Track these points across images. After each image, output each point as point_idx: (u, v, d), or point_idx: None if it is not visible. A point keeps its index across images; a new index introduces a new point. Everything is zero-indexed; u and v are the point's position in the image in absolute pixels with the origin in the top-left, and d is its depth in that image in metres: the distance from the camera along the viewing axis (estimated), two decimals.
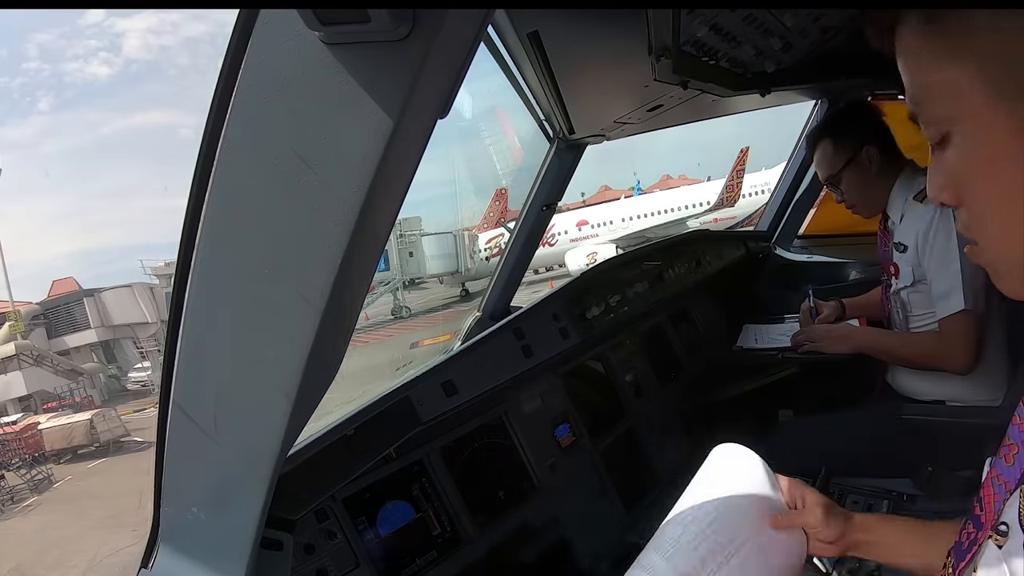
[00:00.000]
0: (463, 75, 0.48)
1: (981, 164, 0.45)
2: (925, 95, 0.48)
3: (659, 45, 1.02)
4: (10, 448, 16.14)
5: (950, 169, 0.48)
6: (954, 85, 0.45)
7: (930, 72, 0.46)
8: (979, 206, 0.47)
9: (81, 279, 32.69)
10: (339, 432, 0.99)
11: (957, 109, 0.45)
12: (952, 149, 0.47)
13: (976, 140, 0.45)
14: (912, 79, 0.49)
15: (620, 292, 1.71)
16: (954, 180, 0.48)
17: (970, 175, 0.47)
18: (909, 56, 0.48)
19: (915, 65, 0.48)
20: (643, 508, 1.56)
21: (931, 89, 0.47)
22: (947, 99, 0.46)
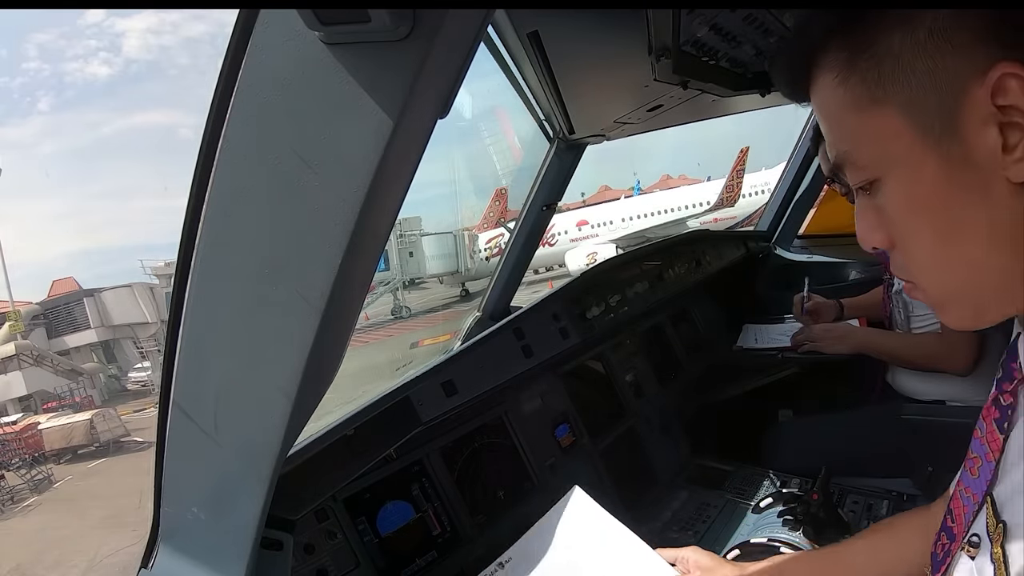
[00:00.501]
0: (463, 75, 0.48)
1: (914, 206, 0.45)
2: (851, 142, 0.47)
3: (659, 45, 1.02)
4: (10, 448, 16.14)
5: (881, 213, 0.48)
6: (881, 130, 0.44)
7: (855, 120, 0.46)
8: (914, 247, 0.47)
9: (81, 279, 32.73)
10: (339, 432, 0.99)
11: (886, 153, 0.45)
12: (883, 194, 0.47)
13: (908, 182, 0.45)
14: (835, 128, 0.48)
15: (620, 292, 1.71)
16: (886, 224, 0.48)
17: (904, 217, 0.46)
18: (831, 107, 0.48)
19: (838, 115, 0.47)
20: (643, 508, 1.56)
21: (857, 136, 0.46)
22: (875, 144, 0.45)
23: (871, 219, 0.49)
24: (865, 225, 0.50)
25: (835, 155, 0.49)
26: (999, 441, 0.51)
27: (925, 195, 0.44)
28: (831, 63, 0.46)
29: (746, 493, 1.54)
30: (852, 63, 0.44)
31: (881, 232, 0.49)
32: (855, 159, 0.47)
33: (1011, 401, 0.51)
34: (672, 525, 1.47)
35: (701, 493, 1.58)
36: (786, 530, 1.26)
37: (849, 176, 0.49)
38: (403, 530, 1.16)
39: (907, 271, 0.49)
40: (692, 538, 1.40)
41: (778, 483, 1.54)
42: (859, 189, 0.49)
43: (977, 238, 0.43)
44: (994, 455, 0.51)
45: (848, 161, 0.48)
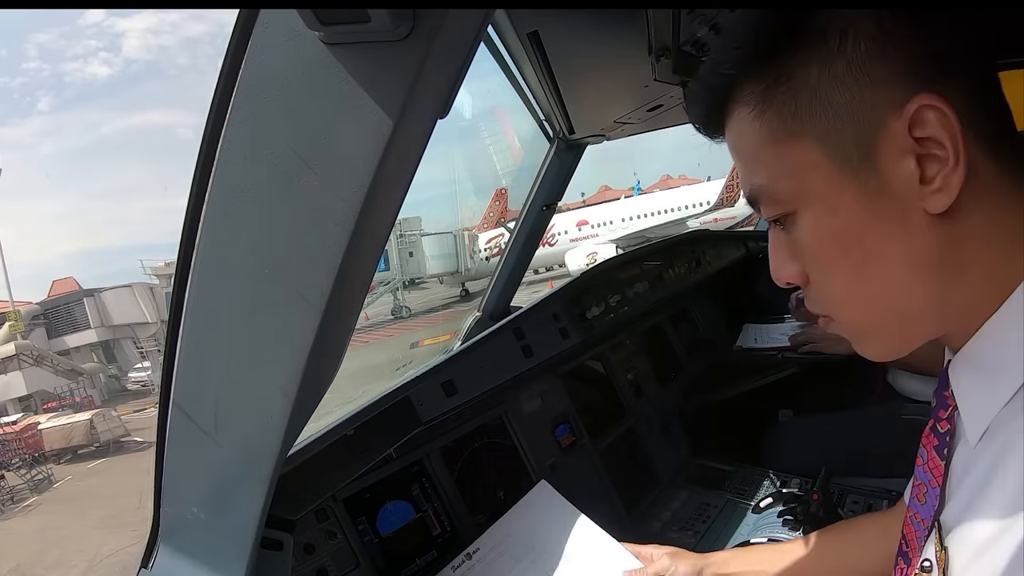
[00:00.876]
0: (463, 75, 0.48)
1: (831, 238, 0.45)
2: (766, 176, 0.46)
3: (659, 45, 1.02)
4: (10, 448, 16.14)
5: (795, 247, 0.47)
6: (798, 163, 0.44)
7: (771, 154, 0.45)
8: (830, 280, 0.46)
9: (81, 279, 32.73)
10: (339, 432, 0.99)
11: (802, 186, 0.44)
12: (798, 227, 0.46)
13: (825, 215, 0.44)
14: (749, 163, 0.48)
15: (620, 292, 1.71)
16: (800, 258, 0.48)
17: (819, 250, 0.46)
18: (746, 141, 0.47)
19: (753, 149, 0.46)
20: (643, 508, 1.56)
21: (773, 169, 0.46)
22: (791, 177, 0.45)
23: (784, 253, 0.49)
24: (778, 259, 0.50)
25: (749, 189, 0.49)
26: (941, 467, 0.51)
27: (842, 227, 0.44)
28: (747, 96, 0.45)
29: (746, 493, 1.54)
30: (768, 96, 0.44)
31: (794, 266, 0.49)
32: (770, 193, 0.47)
33: (948, 428, 0.51)
34: (672, 525, 1.47)
35: (701, 493, 1.58)
36: (786, 530, 1.26)
37: (763, 210, 0.48)
38: (403, 530, 1.16)
39: (822, 305, 0.49)
40: (692, 538, 1.40)
41: (778, 483, 1.54)
42: (773, 223, 0.49)
43: (895, 268, 0.43)
44: (937, 481, 0.52)
45: (763, 195, 0.47)
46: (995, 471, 0.42)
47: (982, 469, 0.44)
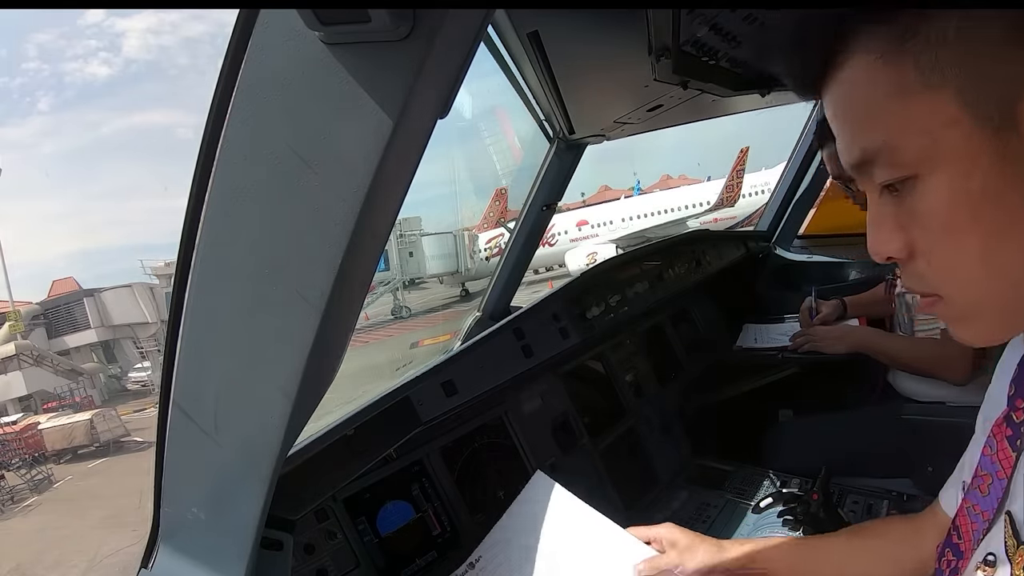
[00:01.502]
0: (463, 75, 0.48)
1: (962, 204, 0.40)
2: (891, 133, 0.41)
3: (659, 45, 1.02)
4: (10, 448, 16.13)
5: (910, 217, 0.43)
6: (933, 118, 0.39)
7: (899, 107, 0.40)
8: (951, 253, 0.42)
9: (81, 279, 32.72)
10: (339, 432, 0.99)
11: (936, 144, 0.40)
12: (920, 193, 0.41)
13: (959, 177, 0.40)
14: (866, 118, 0.42)
15: (620, 292, 1.71)
16: (914, 228, 0.43)
17: (946, 219, 0.41)
18: (865, 92, 0.42)
19: (876, 101, 0.41)
20: (643, 508, 1.56)
21: (901, 125, 0.41)
22: (923, 134, 0.40)
23: (892, 224, 0.44)
24: (884, 231, 0.44)
25: (862, 150, 0.43)
26: (1011, 459, 0.50)
27: (978, 191, 0.39)
28: (873, 41, 0.40)
29: (746, 493, 1.54)
30: (903, 42, 0.39)
31: (901, 239, 0.44)
32: (892, 152, 0.41)
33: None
34: None
35: (701, 493, 1.58)
36: (786, 530, 1.26)
37: (879, 173, 0.43)
38: (403, 530, 1.16)
39: (931, 282, 0.44)
40: None
41: (778, 483, 1.54)
42: (886, 188, 0.43)
43: (1019, 243, 0.40)
44: (1006, 472, 0.50)
45: (882, 156, 0.42)
46: None
47: None
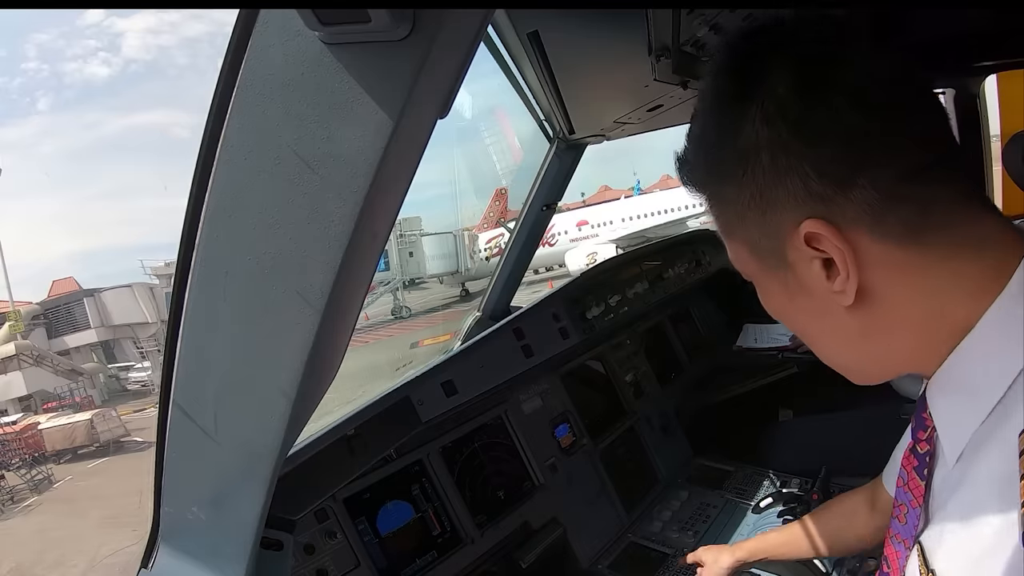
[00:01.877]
0: (463, 75, 0.48)
1: (775, 312, 0.54)
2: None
3: (659, 45, 1.01)
4: (10, 448, 16.13)
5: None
6: (737, 253, 0.53)
7: (728, 244, 0.54)
8: (791, 328, 0.55)
9: (81, 279, 32.65)
10: (339, 432, 0.99)
11: (745, 269, 0.53)
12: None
13: (764, 296, 0.53)
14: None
15: (620, 292, 1.71)
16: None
17: (774, 311, 0.54)
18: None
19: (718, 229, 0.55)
20: (643, 508, 1.56)
21: (731, 255, 0.54)
22: (735, 262, 0.54)
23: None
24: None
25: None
26: (921, 488, 0.52)
27: (777, 307, 0.53)
28: (704, 201, 0.53)
29: (746, 493, 1.54)
30: (709, 205, 0.52)
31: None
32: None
33: (928, 449, 0.52)
34: (672, 525, 1.47)
35: (701, 493, 1.58)
36: None
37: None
38: (403, 530, 1.16)
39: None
40: (692, 538, 1.40)
41: (778, 483, 1.54)
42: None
43: (828, 340, 0.51)
44: (918, 501, 0.52)
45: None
46: (972, 492, 0.43)
47: (959, 490, 0.45)
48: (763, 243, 0.48)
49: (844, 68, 0.43)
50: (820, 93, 0.43)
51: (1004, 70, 2.14)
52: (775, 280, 0.50)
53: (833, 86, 0.43)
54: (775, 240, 0.47)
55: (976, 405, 0.43)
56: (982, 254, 0.43)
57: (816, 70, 0.43)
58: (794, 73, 0.43)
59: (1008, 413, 0.41)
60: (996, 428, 0.42)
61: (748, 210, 0.47)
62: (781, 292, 0.50)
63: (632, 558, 1.39)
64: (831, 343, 0.52)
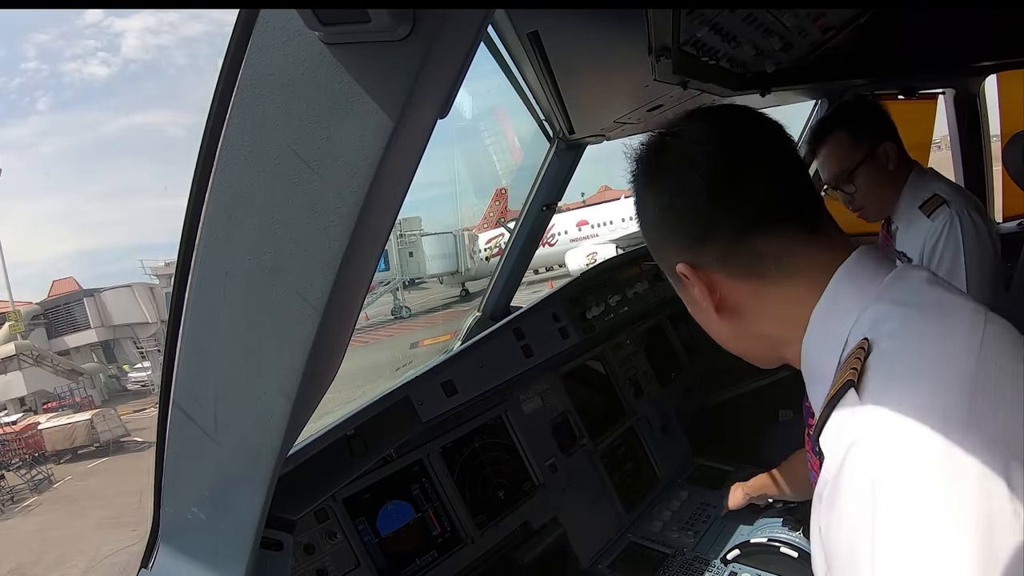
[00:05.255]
0: (463, 75, 0.49)
1: (691, 308, 0.69)
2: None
3: (659, 45, 1.01)
4: (10, 448, 16.13)
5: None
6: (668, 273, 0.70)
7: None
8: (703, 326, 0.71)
9: (81, 279, 32.68)
10: (339, 432, 0.99)
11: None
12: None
13: (684, 301, 0.71)
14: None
15: (620, 292, 1.71)
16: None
17: (691, 311, 0.70)
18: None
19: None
20: (643, 508, 1.56)
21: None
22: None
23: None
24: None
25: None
26: (817, 464, 0.57)
27: (691, 312, 0.69)
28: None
29: None
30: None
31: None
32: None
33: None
34: (672, 525, 1.47)
35: (701, 493, 1.58)
36: (786, 530, 1.26)
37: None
38: (403, 530, 1.16)
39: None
40: (692, 538, 1.40)
41: None
42: None
43: (722, 339, 0.68)
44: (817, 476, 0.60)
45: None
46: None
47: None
48: (667, 269, 0.67)
49: (699, 166, 0.60)
50: (684, 188, 0.60)
51: (1004, 70, 2.15)
52: (680, 293, 0.68)
53: (689, 183, 0.60)
54: (670, 270, 0.65)
55: (823, 387, 0.54)
56: (807, 276, 0.59)
57: (682, 171, 0.61)
58: (673, 171, 0.61)
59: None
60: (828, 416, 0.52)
61: (653, 249, 0.68)
62: (687, 301, 0.69)
63: (632, 558, 1.39)
64: (719, 339, 0.68)
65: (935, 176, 1.52)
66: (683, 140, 0.62)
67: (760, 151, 0.62)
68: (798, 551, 1.18)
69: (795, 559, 1.17)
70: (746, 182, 0.60)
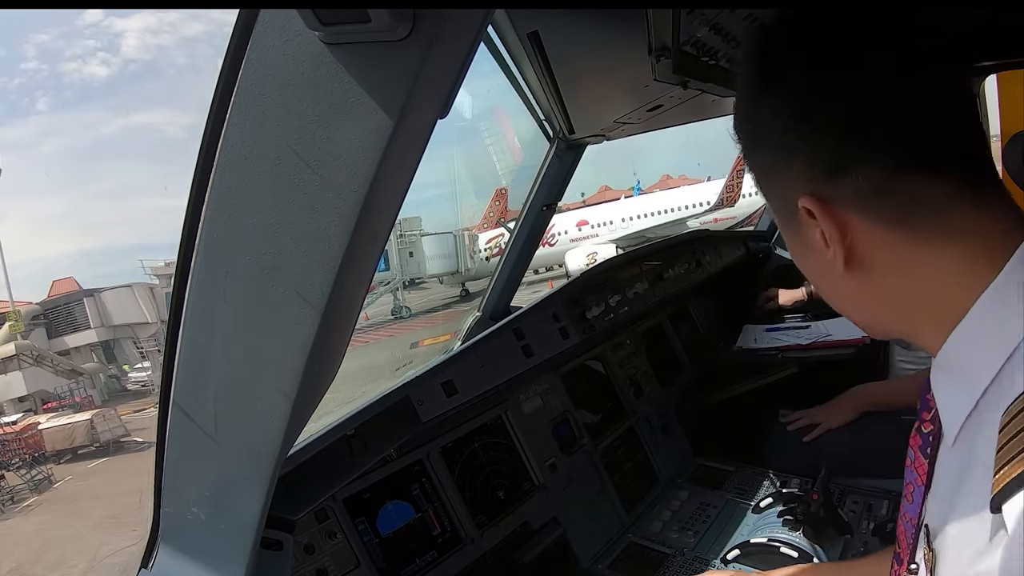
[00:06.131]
0: (463, 75, 0.49)
1: (794, 259, 0.60)
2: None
3: (659, 45, 1.01)
4: (10, 448, 16.13)
5: None
6: (769, 205, 0.59)
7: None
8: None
9: (81, 279, 32.69)
10: (339, 432, 0.99)
11: (776, 218, 0.60)
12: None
13: (786, 243, 0.60)
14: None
15: (620, 292, 1.71)
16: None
17: (799, 265, 0.61)
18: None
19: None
20: (643, 508, 1.56)
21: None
22: (771, 212, 0.63)
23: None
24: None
25: None
26: (925, 466, 0.53)
27: (796, 259, 0.59)
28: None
29: (746, 493, 1.54)
30: (744, 161, 0.57)
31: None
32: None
33: (932, 428, 0.53)
34: (672, 525, 1.47)
35: (701, 493, 1.58)
36: (786, 530, 1.26)
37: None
38: (403, 530, 1.16)
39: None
40: (692, 538, 1.40)
41: (778, 483, 1.54)
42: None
43: (828, 291, 0.57)
44: (922, 480, 0.53)
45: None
46: (967, 472, 0.44)
47: (956, 470, 0.46)
48: (778, 204, 0.55)
49: (852, 69, 0.46)
50: (826, 90, 0.47)
51: (1004, 70, 2.14)
52: (791, 236, 0.56)
53: (840, 85, 0.46)
54: (786, 205, 0.53)
55: (969, 387, 0.45)
56: (968, 244, 0.46)
57: (827, 70, 0.47)
58: (806, 68, 0.48)
59: (998, 397, 0.42)
60: (988, 411, 0.43)
61: (765, 175, 0.55)
62: (797, 247, 0.56)
63: (632, 558, 1.39)
64: (834, 297, 0.57)
65: None
66: (830, 42, 0.48)
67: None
68: (798, 551, 1.18)
69: (795, 559, 1.17)
70: (917, 106, 0.47)
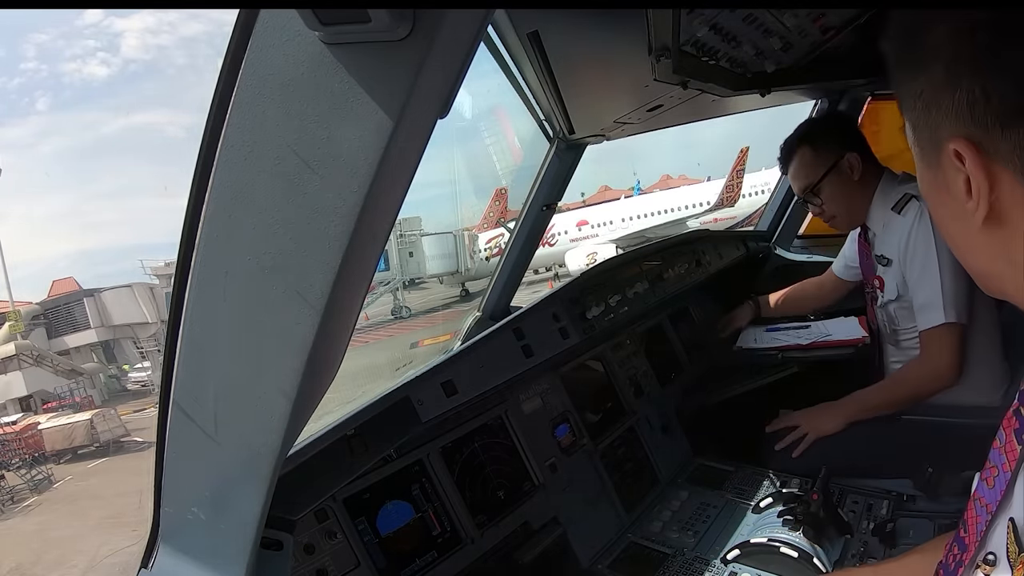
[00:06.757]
0: (463, 75, 0.49)
1: (922, 188, 0.56)
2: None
3: (659, 45, 1.02)
4: (10, 448, 16.13)
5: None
6: (906, 126, 0.56)
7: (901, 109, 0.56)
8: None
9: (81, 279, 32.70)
10: (339, 432, 0.99)
11: (913, 148, 0.57)
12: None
13: (917, 169, 0.56)
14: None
15: (620, 292, 1.71)
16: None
17: (920, 190, 0.57)
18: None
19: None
20: (643, 508, 1.56)
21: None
22: (905, 131, 0.57)
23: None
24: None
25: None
26: (1017, 452, 0.50)
27: (924, 190, 0.55)
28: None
29: (746, 493, 1.54)
30: (892, 74, 0.54)
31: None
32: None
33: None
34: (672, 525, 1.47)
35: (701, 493, 1.58)
36: (786, 530, 1.26)
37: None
38: (403, 530, 1.16)
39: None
40: (692, 538, 1.40)
41: (778, 483, 1.54)
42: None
43: (957, 240, 0.54)
44: (1010, 465, 0.50)
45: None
46: None
47: None
48: (922, 133, 0.51)
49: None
50: (1017, 34, 0.42)
51: None
52: (925, 168, 0.53)
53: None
54: (932, 137, 0.49)
55: None
56: None
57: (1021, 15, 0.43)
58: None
59: None
60: None
61: (917, 99, 0.50)
62: (929, 180, 0.53)
63: (632, 558, 1.39)
64: (960, 243, 0.54)
65: (907, 178, 1.54)
66: None
67: None
68: (798, 551, 1.18)
69: (795, 559, 1.17)
70: None
